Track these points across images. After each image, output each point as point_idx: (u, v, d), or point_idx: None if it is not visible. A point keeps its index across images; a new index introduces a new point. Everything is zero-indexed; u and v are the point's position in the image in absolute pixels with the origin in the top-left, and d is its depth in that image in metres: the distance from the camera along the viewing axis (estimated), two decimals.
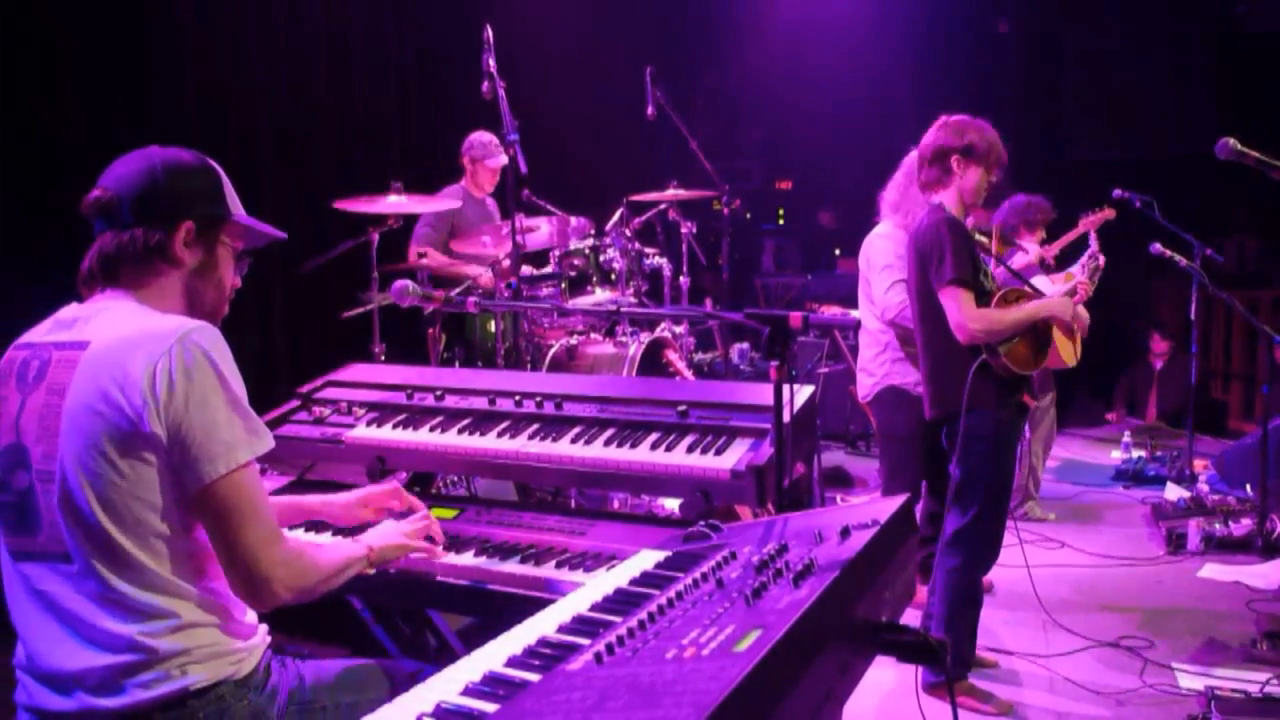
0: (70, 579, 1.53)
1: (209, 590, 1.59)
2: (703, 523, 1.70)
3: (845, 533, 1.42)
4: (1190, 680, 3.29)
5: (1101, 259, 4.44)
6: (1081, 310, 4.61)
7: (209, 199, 1.72)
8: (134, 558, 1.52)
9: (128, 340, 1.53)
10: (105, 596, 1.52)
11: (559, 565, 2.05)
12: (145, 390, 1.49)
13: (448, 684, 1.20)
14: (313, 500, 2.12)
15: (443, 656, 2.70)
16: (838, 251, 9.42)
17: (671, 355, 4.70)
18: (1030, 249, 4.54)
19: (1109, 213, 4.97)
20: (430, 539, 2.01)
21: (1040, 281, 4.11)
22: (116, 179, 1.67)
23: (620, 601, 1.41)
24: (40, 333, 1.66)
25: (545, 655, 1.25)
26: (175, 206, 1.66)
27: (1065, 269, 4.60)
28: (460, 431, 2.50)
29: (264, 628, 1.71)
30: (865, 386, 4.07)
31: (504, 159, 5.11)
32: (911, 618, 3.38)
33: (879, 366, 3.98)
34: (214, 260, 1.72)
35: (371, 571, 1.84)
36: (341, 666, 1.80)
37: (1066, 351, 4.67)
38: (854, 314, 4.85)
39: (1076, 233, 4.97)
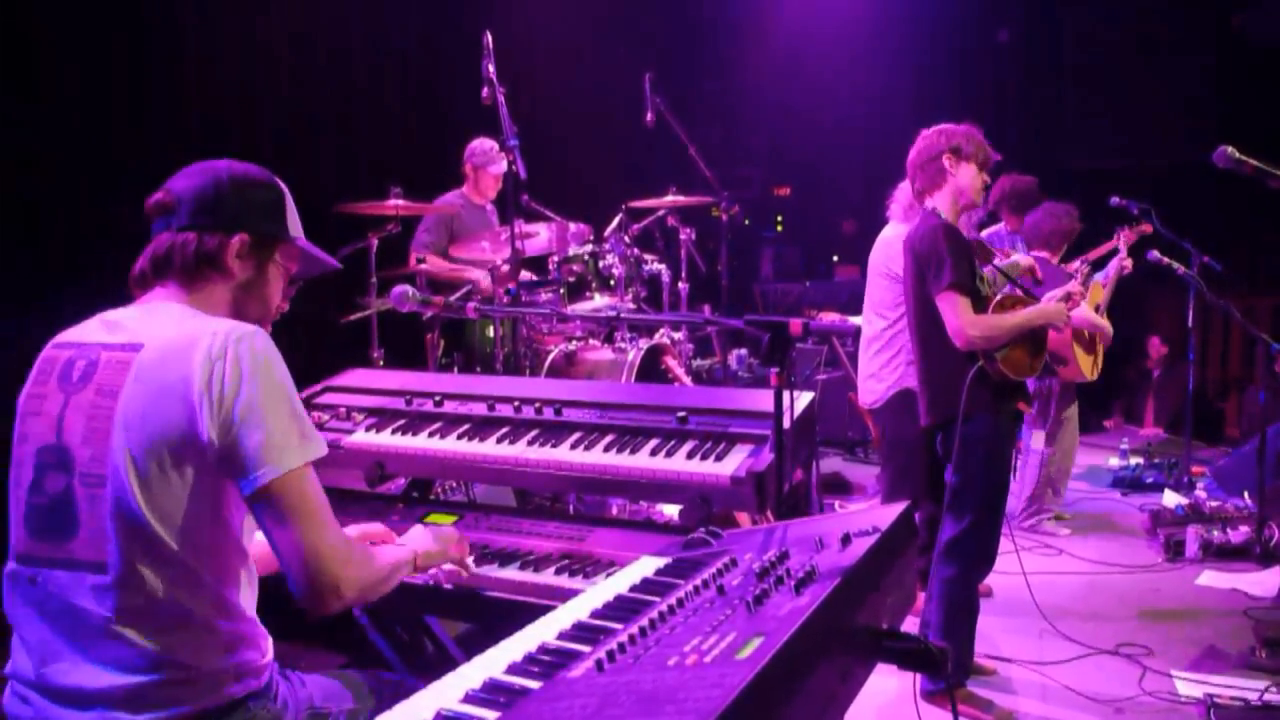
0: (98, 590, 1.48)
1: (241, 604, 1.57)
2: (702, 529, 1.69)
3: (846, 540, 1.42)
4: (1189, 688, 3.29)
5: (1128, 266, 4.52)
6: (1105, 324, 4.64)
7: (268, 216, 1.72)
8: (182, 562, 1.49)
9: (183, 341, 1.51)
10: (137, 609, 1.47)
11: (558, 571, 2.05)
12: (202, 390, 1.47)
13: (448, 690, 1.19)
14: None
15: (441, 663, 2.69)
16: (836, 258, 9.43)
17: (670, 361, 4.70)
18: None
19: (1146, 228, 5.01)
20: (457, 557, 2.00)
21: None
22: (181, 182, 1.67)
23: (621, 608, 1.40)
24: (85, 332, 1.62)
25: (546, 662, 1.24)
26: (233, 216, 1.66)
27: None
28: (459, 437, 2.49)
29: (271, 640, 1.68)
30: (875, 392, 4.00)
31: (506, 165, 5.12)
32: (910, 625, 3.38)
33: (891, 371, 3.93)
34: (264, 278, 1.72)
35: (416, 576, 1.83)
36: (337, 676, 1.79)
37: (1086, 365, 4.68)
38: (853, 320, 4.85)
39: (1112, 244, 5.00)
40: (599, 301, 4.72)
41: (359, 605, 1.59)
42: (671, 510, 4.05)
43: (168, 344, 1.51)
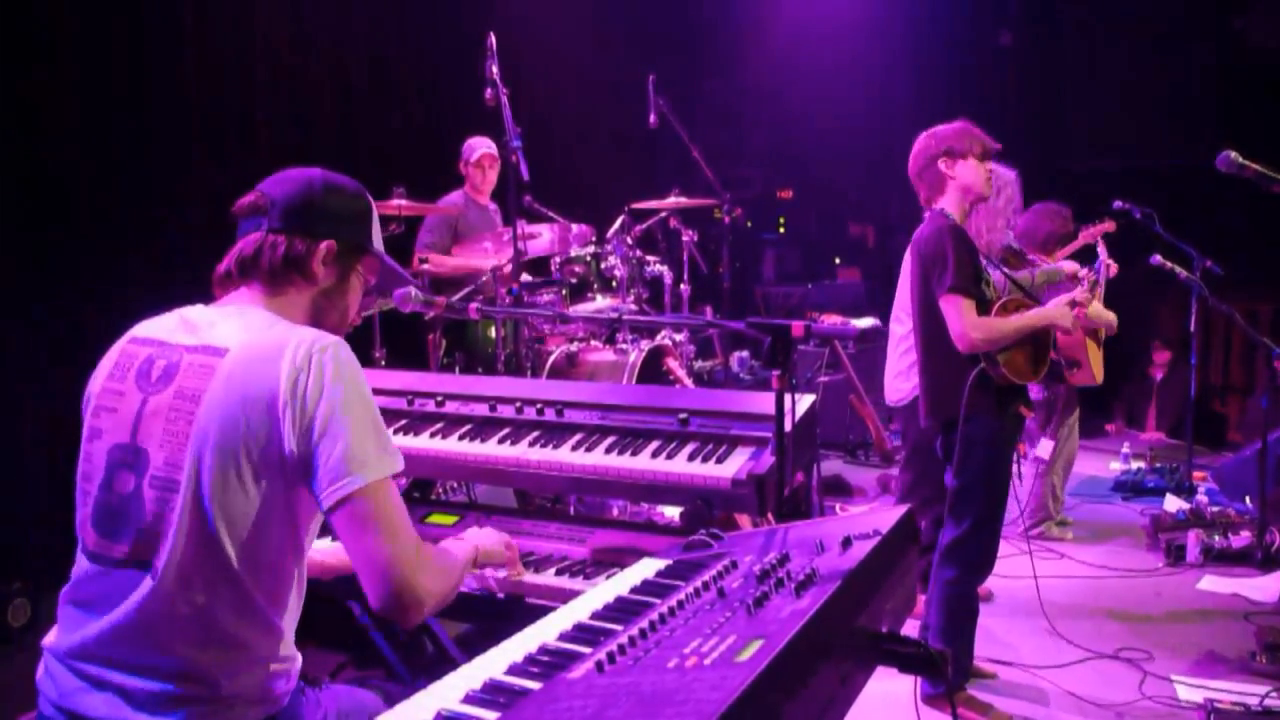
0: (148, 594, 1.46)
1: (284, 630, 1.54)
2: (703, 531, 1.69)
3: (847, 543, 1.42)
4: (1189, 692, 3.29)
5: (1113, 268, 4.46)
6: (1107, 312, 4.59)
7: (355, 225, 1.73)
8: (239, 579, 1.46)
9: (269, 349, 1.50)
10: (181, 619, 1.45)
11: (559, 572, 2.05)
12: (286, 400, 1.45)
13: (448, 691, 1.19)
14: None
15: (441, 663, 2.69)
16: (838, 260, 9.43)
17: (672, 363, 4.70)
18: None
19: (1109, 224, 4.98)
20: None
21: None
22: (274, 186, 1.68)
23: (621, 610, 1.40)
24: (165, 330, 1.60)
25: (546, 663, 1.24)
26: (323, 223, 1.67)
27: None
28: (461, 438, 2.50)
29: (300, 658, 1.63)
30: (901, 391, 3.97)
31: (486, 149, 5.14)
32: (910, 628, 3.38)
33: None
34: (345, 286, 1.72)
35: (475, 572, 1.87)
36: (357, 693, 1.76)
37: (1098, 368, 4.65)
38: (855, 323, 4.84)
39: (1078, 244, 4.97)
40: (601, 303, 4.73)
41: (437, 611, 1.57)
42: (672, 512, 4.05)
43: (253, 351, 1.50)
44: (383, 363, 4.42)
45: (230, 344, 1.52)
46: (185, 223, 4.39)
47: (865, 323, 6.86)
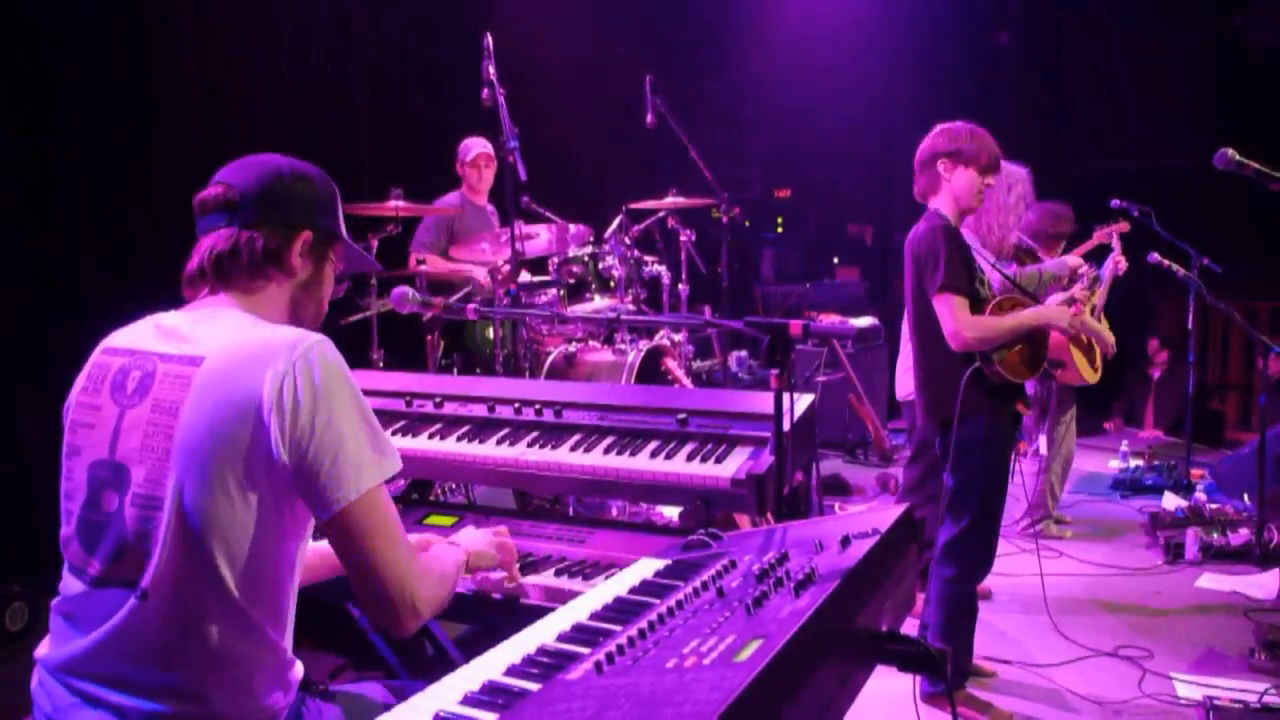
0: (140, 613, 1.41)
1: (281, 643, 1.50)
2: (702, 531, 1.69)
3: (846, 542, 1.42)
4: (1188, 690, 3.29)
5: (1122, 264, 4.45)
6: (1105, 332, 4.60)
7: (327, 213, 1.67)
8: (232, 594, 1.41)
9: (248, 354, 1.43)
10: (175, 637, 1.40)
11: (558, 573, 2.05)
12: (271, 407, 1.38)
13: (447, 692, 1.19)
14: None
15: (440, 664, 2.69)
16: (836, 260, 9.42)
17: (670, 363, 4.70)
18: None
19: (1123, 225, 4.98)
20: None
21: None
22: (240, 176, 1.59)
23: (620, 610, 1.40)
24: (139, 338, 1.54)
25: (545, 664, 1.24)
26: (298, 213, 1.61)
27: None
28: (459, 439, 2.50)
29: (301, 666, 1.59)
30: (909, 387, 3.98)
31: (482, 149, 5.14)
32: (909, 627, 3.38)
33: None
34: (321, 276, 1.67)
35: (466, 576, 1.81)
36: (359, 695, 1.73)
37: (1085, 368, 4.66)
38: (853, 322, 4.84)
39: (1091, 244, 4.98)
40: (599, 303, 4.72)
41: (432, 618, 1.53)
42: (671, 512, 4.06)
43: (231, 357, 1.43)
44: (381, 364, 4.42)
45: (206, 351, 1.45)
46: (185, 223, 4.38)
47: (864, 322, 6.88)
